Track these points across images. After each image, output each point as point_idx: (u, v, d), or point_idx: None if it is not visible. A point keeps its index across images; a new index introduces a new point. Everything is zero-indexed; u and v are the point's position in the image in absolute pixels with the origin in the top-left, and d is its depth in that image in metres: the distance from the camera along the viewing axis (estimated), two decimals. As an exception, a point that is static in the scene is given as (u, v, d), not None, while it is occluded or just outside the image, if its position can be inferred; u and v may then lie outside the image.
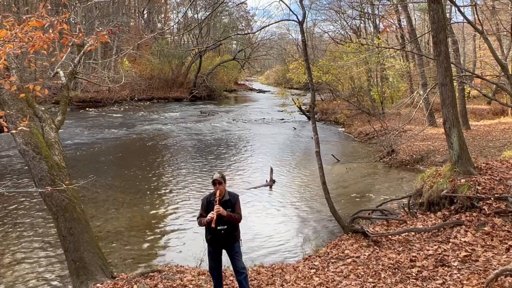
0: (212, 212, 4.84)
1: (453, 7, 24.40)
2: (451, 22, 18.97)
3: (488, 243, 6.18)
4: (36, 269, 6.99)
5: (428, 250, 6.24)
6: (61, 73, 7.77)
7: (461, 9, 12.40)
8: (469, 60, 30.22)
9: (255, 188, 11.64)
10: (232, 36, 44.84)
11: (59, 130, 7.03)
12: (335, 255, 6.71)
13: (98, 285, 5.54)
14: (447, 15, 21.83)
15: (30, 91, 3.66)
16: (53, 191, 5.43)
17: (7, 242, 8.01)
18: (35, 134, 6.25)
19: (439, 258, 5.86)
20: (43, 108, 7.16)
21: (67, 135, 19.45)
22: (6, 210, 9.69)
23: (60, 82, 7.64)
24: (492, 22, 21.11)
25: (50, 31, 3.23)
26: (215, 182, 5.04)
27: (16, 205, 10.03)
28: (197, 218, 5.20)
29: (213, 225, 4.79)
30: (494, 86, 23.57)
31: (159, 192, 11.39)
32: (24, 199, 10.43)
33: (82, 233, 5.93)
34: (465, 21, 12.64)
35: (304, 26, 8.60)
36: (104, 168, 14.33)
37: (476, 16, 13.19)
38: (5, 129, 4.00)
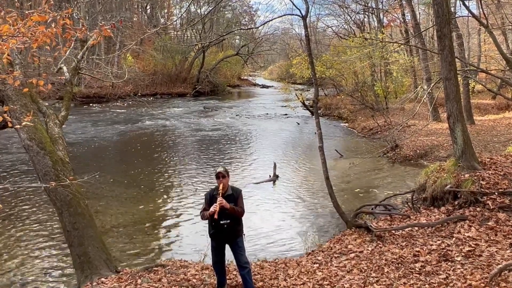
0: (215, 204, 4.86)
1: (457, 1, 24.21)
2: (456, 16, 18.83)
3: (492, 238, 6.16)
4: (41, 264, 7.04)
5: (431, 245, 6.23)
6: (65, 68, 7.79)
7: (466, 3, 12.30)
8: (474, 54, 30.00)
9: (258, 183, 11.65)
10: (235, 31, 44.74)
11: (63, 126, 7.05)
12: (338, 250, 6.71)
13: (103, 279, 5.57)
14: (452, 9, 21.66)
15: (34, 86, 3.67)
16: (57, 186, 5.45)
17: (12, 237, 8.07)
18: (39, 130, 6.28)
19: (442, 253, 5.85)
20: (46, 104, 7.19)
21: (70, 130, 19.52)
22: (11, 205, 9.76)
23: (64, 77, 7.65)
24: (497, 16, 20.91)
25: (53, 25, 3.23)
26: (218, 176, 5.06)
27: (20, 200, 10.09)
28: (201, 212, 5.22)
29: (215, 216, 4.80)
30: (499, 81, 23.41)
31: (162, 187, 11.42)
32: (28, 194, 10.49)
33: (86, 228, 5.97)
34: (470, 15, 12.54)
35: (307, 20, 8.57)
36: (107, 164, 14.39)
37: (481, 10, 13.06)
38: (9, 124, 4.02)
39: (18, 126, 5.31)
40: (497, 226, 6.47)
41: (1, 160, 14.36)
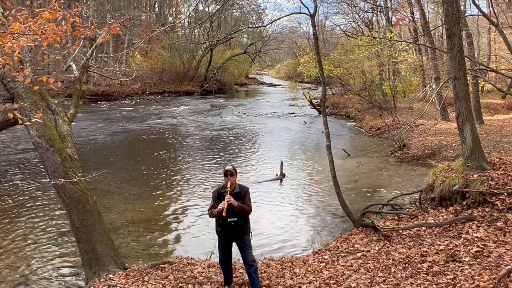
0: (223, 202, 4.88)
1: (467, 0, 23.98)
2: (466, 15, 18.65)
3: (500, 238, 6.11)
4: (49, 260, 7.11)
5: (439, 245, 6.20)
6: (74, 66, 7.86)
7: (476, 1, 12.18)
8: (484, 53, 29.72)
9: (265, 182, 11.65)
10: (243, 30, 44.70)
11: (72, 123, 7.12)
12: (345, 249, 6.70)
13: (110, 275, 5.62)
14: (462, 7, 21.47)
15: (44, 84, 3.71)
16: (66, 183, 5.51)
17: (21, 233, 8.15)
18: (49, 127, 6.34)
19: (450, 253, 5.82)
20: (56, 101, 7.26)
21: (79, 128, 19.66)
22: (20, 201, 9.86)
23: (73, 75, 7.72)
24: (507, 14, 20.67)
25: (63, 23, 3.26)
26: (226, 173, 5.07)
27: (30, 197, 10.20)
28: (208, 210, 5.25)
29: (224, 214, 4.82)
30: (509, 80, 23.18)
31: (170, 185, 11.47)
32: (37, 190, 10.60)
33: (94, 224, 6.02)
34: (480, 13, 12.43)
35: (315, 19, 8.54)
36: (116, 161, 14.48)
37: (491, 8, 12.95)
38: (20, 121, 4.07)
39: (28, 123, 5.37)
40: (506, 227, 6.41)
41: (11, 157, 14.52)
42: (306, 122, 23.55)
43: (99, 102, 31.36)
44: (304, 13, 8.73)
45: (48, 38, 3.32)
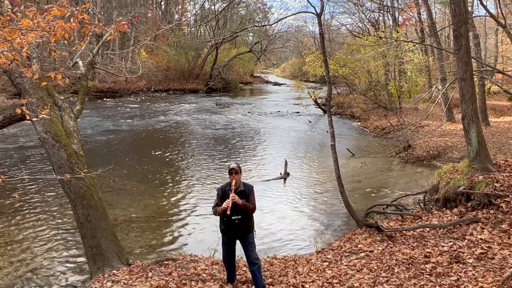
0: (227, 200, 4.90)
1: (475, 0, 23.85)
2: (473, 15, 18.56)
3: (505, 241, 6.08)
4: (54, 255, 7.16)
5: (443, 246, 6.18)
6: (80, 63, 7.90)
7: (484, 2, 12.12)
8: (491, 54, 29.57)
9: (269, 180, 11.66)
10: (249, 28, 44.70)
11: (78, 120, 7.16)
12: (348, 249, 6.70)
13: (114, 271, 5.65)
14: (469, 8, 21.34)
15: (51, 80, 3.75)
16: (72, 178, 5.54)
17: (26, 228, 8.21)
18: (55, 123, 6.39)
19: (454, 255, 5.80)
20: (62, 97, 7.30)
21: (85, 124, 19.75)
22: (26, 196, 9.92)
23: (79, 72, 7.76)
24: (515, 16, 20.56)
25: (71, 20, 3.29)
26: (231, 171, 5.09)
27: (35, 192, 10.26)
28: (213, 208, 5.27)
29: (228, 212, 4.84)
30: (515, 82, 23.01)
31: (174, 182, 11.51)
32: (43, 186, 10.66)
33: (99, 220, 6.05)
34: (487, 14, 12.37)
35: (321, 18, 8.52)
36: (120, 158, 14.54)
37: (499, 9, 12.87)
38: (27, 117, 4.10)
39: (35, 119, 5.41)
40: (511, 229, 6.38)
41: (17, 152, 14.61)
42: (310, 122, 23.52)
43: (105, 99, 31.46)
44: (310, 12, 8.73)
45: (56, 35, 3.35)
